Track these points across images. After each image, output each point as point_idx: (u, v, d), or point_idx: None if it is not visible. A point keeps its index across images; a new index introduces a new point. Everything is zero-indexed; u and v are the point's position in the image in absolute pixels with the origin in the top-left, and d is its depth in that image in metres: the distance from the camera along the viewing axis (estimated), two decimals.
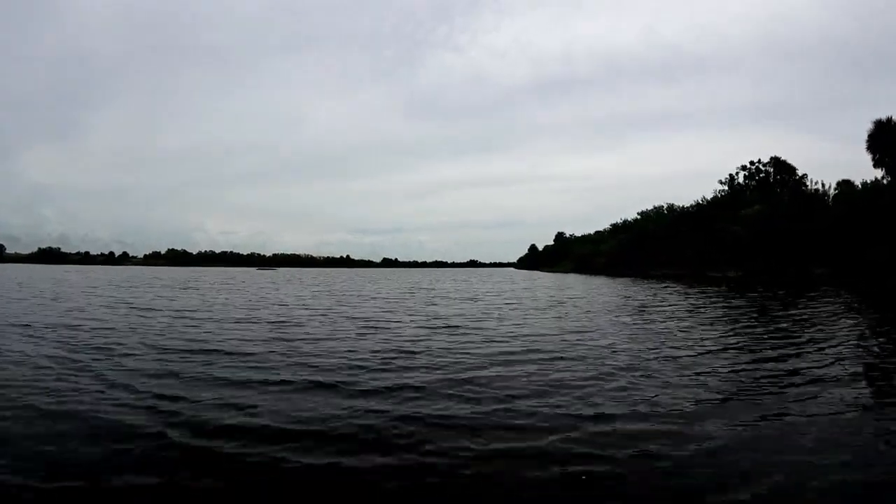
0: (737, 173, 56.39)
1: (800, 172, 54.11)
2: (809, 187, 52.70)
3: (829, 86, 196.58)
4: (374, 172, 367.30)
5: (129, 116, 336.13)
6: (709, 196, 59.94)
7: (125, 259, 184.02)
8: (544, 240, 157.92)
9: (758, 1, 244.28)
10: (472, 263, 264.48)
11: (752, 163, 55.17)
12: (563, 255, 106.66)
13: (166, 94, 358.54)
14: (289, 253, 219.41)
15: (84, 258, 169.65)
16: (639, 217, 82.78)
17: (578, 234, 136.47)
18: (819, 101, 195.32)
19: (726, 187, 57.32)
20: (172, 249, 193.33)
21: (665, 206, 78.20)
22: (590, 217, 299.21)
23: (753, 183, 55.16)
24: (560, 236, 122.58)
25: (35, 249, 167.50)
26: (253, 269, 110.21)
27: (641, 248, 65.82)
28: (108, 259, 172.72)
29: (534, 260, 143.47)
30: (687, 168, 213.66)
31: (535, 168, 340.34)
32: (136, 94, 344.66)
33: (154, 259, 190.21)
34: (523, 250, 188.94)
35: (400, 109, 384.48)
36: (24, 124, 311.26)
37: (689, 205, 64.07)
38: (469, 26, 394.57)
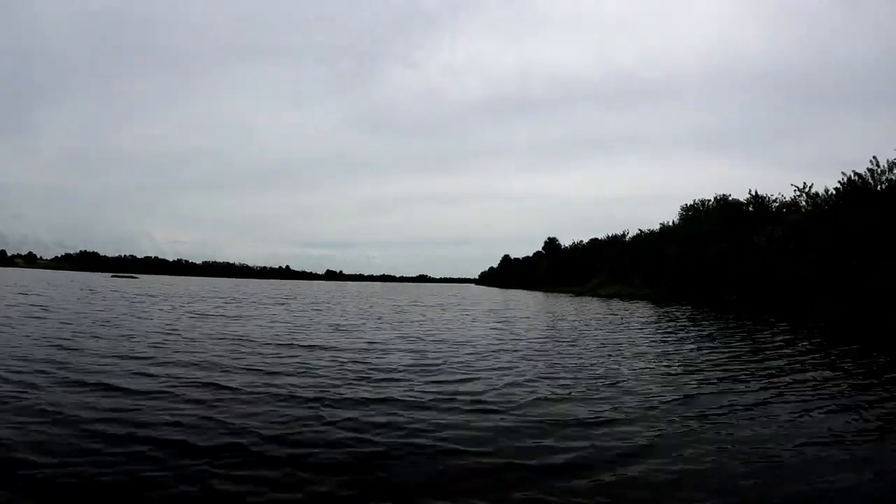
0: None
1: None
2: None
3: (774, 115, 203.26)
4: (327, 186, 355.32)
5: (80, 117, 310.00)
6: None
7: (33, 261, 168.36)
8: (495, 258, 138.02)
9: (706, 32, 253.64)
10: (422, 278, 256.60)
11: None
12: (562, 269, 70.23)
13: (118, 96, 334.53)
14: (222, 262, 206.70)
15: None
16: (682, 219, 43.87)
17: (523, 254, 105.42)
18: (766, 129, 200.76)
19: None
20: (84, 252, 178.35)
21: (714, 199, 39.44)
22: (539, 236, 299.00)
23: None
24: (553, 243, 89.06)
25: None
26: (108, 275, 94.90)
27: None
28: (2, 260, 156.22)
29: (507, 277, 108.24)
30: (639, 191, 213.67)
31: (487, 186, 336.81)
32: (87, 95, 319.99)
33: (64, 262, 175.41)
34: (474, 267, 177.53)
35: (354, 123, 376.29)
36: None
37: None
38: (425, 43, 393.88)
